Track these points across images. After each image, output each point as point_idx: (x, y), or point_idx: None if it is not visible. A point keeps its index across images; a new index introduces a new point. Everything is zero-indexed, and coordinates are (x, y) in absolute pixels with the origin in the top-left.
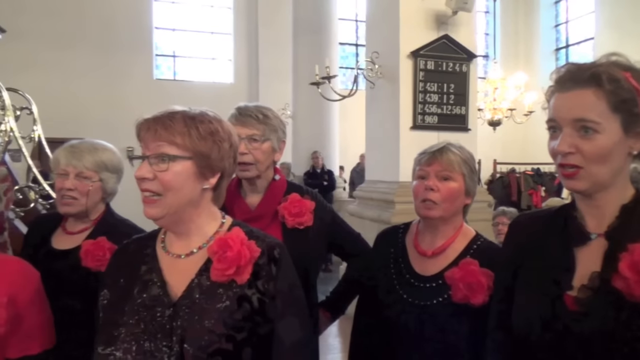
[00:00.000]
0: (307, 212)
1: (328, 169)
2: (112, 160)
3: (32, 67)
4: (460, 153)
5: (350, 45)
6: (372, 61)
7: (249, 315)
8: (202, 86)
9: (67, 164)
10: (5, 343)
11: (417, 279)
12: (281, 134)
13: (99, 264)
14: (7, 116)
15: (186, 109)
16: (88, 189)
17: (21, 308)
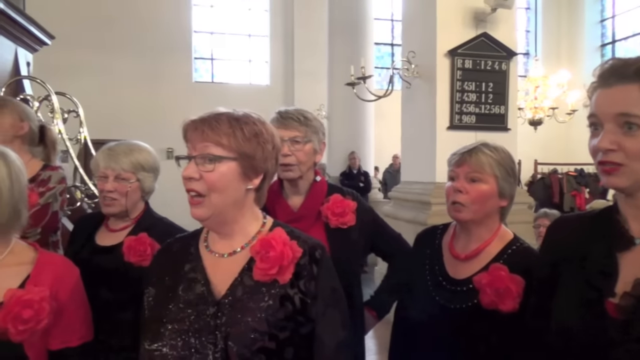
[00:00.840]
0: (350, 212)
1: (364, 170)
2: (147, 160)
3: (79, 72)
4: (494, 154)
5: (386, 45)
6: (408, 61)
7: (291, 315)
8: (239, 88)
9: (105, 166)
10: (48, 335)
11: (449, 282)
12: (321, 135)
13: (140, 259)
14: (56, 119)
15: (231, 110)
16: (127, 190)
17: (62, 302)
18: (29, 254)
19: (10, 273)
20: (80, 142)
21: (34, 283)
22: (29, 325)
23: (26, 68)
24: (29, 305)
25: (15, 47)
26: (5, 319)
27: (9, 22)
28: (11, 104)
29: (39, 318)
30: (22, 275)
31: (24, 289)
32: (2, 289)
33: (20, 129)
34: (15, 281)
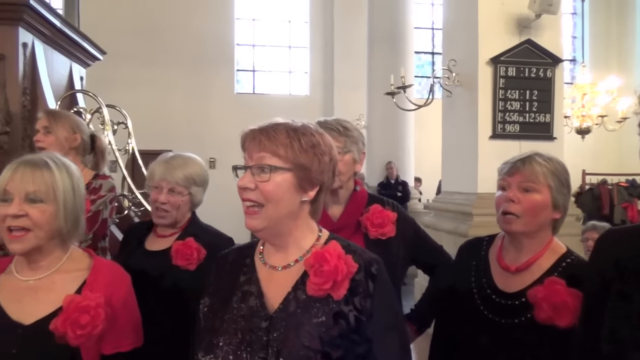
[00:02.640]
0: (389, 223)
1: (402, 180)
2: (199, 174)
3: (128, 85)
4: (548, 164)
5: (426, 53)
6: (449, 69)
7: (345, 333)
8: (279, 98)
9: (161, 178)
10: (101, 340)
11: (498, 295)
12: (361, 145)
13: (187, 262)
14: (106, 130)
15: (289, 121)
16: (179, 204)
17: (115, 308)
18: (85, 260)
19: (68, 279)
20: (128, 152)
21: (89, 289)
22: (86, 330)
23: (80, 82)
24: (86, 311)
25: (70, 62)
26: (65, 324)
27: (65, 40)
28: (64, 117)
29: (95, 324)
30: (79, 281)
31: (81, 295)
32: (61, 294)
33: (74, 140)
34: (73, 287)
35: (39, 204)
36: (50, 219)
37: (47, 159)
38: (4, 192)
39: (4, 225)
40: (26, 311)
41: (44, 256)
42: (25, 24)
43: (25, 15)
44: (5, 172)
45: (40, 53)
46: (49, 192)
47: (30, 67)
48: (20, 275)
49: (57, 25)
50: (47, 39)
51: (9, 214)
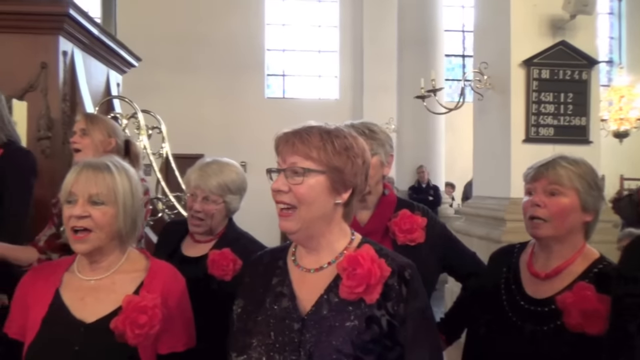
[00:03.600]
0: (419, 229)
1: (433, 184)
2: (235, 182)
3: (162, 91)
4: (574, 166)
5: (457, 56)
6: (480, 72)
7: (378, 338)
8: (309, 103)
9: (196, 186)
10: (158, 340)
11: (528, 302)
12: (389, 148)
13: (223, 273)
14: (141, 135)
15: (322, 124)
16: (213, 213)
17: (171, 309)
18: (142, 262)
19: (127, 279)
20: (162, 156)
21: (147, 290)
22: (144, 330)
23: (116, 88)
24: (144, 311)
25: (107, 69)
26: (124, 323)
27: (103, 47)
28: (101, 121)
29: (152, 324)
30: (136, 281)
31: (140, 296)
32: (121, 294)
33: (108, 144)
34: (131, 287)
35: (101, 206)
36: (111, 221)
37: (109, 162)
38: (70, 193)
39: (69, 225)
40: (88, 310)
41: (104, 257)
42: (66, 33)
43: (66, 24)
44: (71, 175)
45: (79, 61)
46: (110, 194)
47: (70, 75)
48: (82, 275)
49: (95, 34)
50: (86, 47)
51: (73, 214)
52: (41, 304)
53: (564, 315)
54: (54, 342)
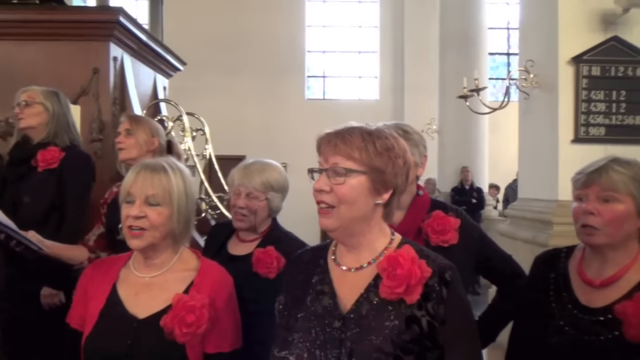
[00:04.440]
0: (452, 230)
1: (477, 186)
2: (277, 180)
3: (205, 93)
4: (627, 170)
5: (501, 54)
6: (526, 70)
7: (418, 338)
8: (349, 104)
9: (239, 183)
10: (205, 339)
11: (581, 311)
12: (422, 148)
13: (267, 271)
14: (186, 137)
15: (363, 124)
16: (256, 208)
17: (219, 309)
18: (193, 261)
19: (178, 278)
20: (205, 157)
21: (196, 290)
22: (191, 329)
23: (162, 92)
24: (192, 310)
25: (154, 74)
26: (173, 321)
27: (150, 53)
28: (144, 121)
29: (199, 323)
30: (187, 281)
31: (189, 295)
32: (172, 292)
33: (151, 144)
34: (182, 286)
35: (157, 207)
36: (166, 221)
37: (165, 163)
38: (128, 194)
39: (126, 224)
40: (141, 306)
41: (158, 254)
42: (116, 39)
43: (116, 31)
44: (129, 175)
45: (129, 66)
46: (166, 195)
47: (120, 79)
48: (137, 272)
49: (143, 40)
50: (135, 53)
51: (131, 214)
52: (99, 296)
53: (623, 326)
54: (109, 334)
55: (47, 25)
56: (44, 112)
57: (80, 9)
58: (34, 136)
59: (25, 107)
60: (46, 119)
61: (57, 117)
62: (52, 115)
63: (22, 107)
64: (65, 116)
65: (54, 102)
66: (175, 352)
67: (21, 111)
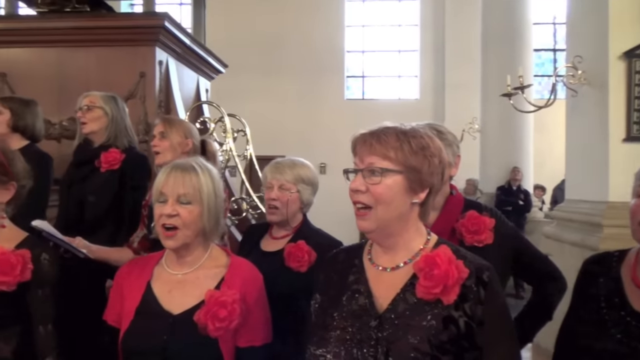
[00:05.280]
0: (486, 230)
1: (524, 189)
2: (307, 174)
3: (245, 95)
4: None
5: (547, 50)
6: (574, 66)
7: (455, 338)
8: (388, 103)
9: (272, 177)
10: (237, 334)
11: (636, 319)
12: (456, 148)
13: (298, 264)
14: (227, 138)
15: (398, 124)
16: (287, 199)
17: (250, 304)
18: (223, 258)
19: (209, 275)
20: (246, 158)
21: (227, 285)
22: (224, 324)
23: (205, 94)
24: (224, 306)
25: (197, 76)
26: (206, 316)
27: (194, 56)
28: (178, 123)
29: (231, 318)
30: (218, 277)
31: (220, 291)
32: (204, 288)
33: (186, 145)
34: (213, 282)
35: (188, 205)
36: (197, 219)
37: (194, 163)
38: (160, 193)
39: (160, 223)
40: (175, 302)
41: (190, 252)
42: (161, 43)
43: (161, 36)
44: (161, 176)
45: (173, 69)
46: (196, 194)
47: (165, 83)
48: (170, 269)
49: (187, 43)
50: (179, 56)
51: (164, 213)
52: (135, 294)
53: None
54: (146, 330)
55: (98, 32)
56: (103, 116)
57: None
58: (95, 139)
59: (87, 111)
60: (106, 122)
61: (115, 120)
62: (111, 119)
63: (84, 111)
64: (123, 120)
65: (112, 106)
66: (208, 346)
67: (83, 115)
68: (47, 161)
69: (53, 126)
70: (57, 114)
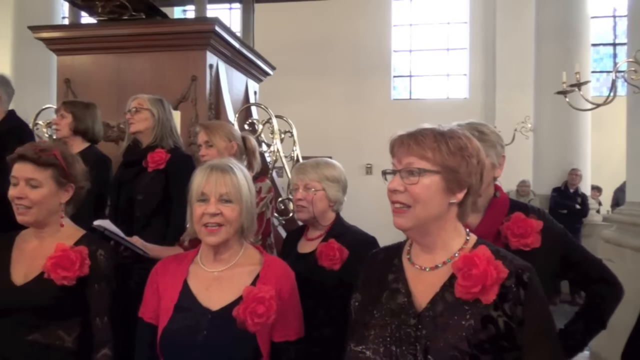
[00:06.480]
0: (534, 233)
1: (582, 192)
2: (332, 173)
3: (292, 96)
4: None
5: (606, 45)
6: (636, 61)
7: (494, 338)
8: (436, 103)
9: (296, 179)
10: (273, 329)
11: None
12: (500, 149)
13: (331, 263)
14: (275, 139)
15: (435, 126)
16: (312, 197)
17: (284, 300)
18: (256, 256)
19: (244, 272)
20: (293, 159)
21: (263, 282)
22: (262, 319)
23: (253, 96)
24: (262, 302)
25: (246, 79)
26: (245, 312)
27: (242, 59)
28: (219, 128)
29: (269, 314)
30: (253, 274)
31: (257, 287)
32: (240, 285)
33: (231, 148)
34: (249, 279)
35: (229, 204)
36: (238, 217)
37: (230, 164)
38: (202, 193)
39: (201, 222)
40: (212, 299)
41: (227, 249)
42: (212, 47)
43: (212, 40)
44: (201, 177)
45: (223, 72)
46: (237, 193)
47: (215, 85)
48: (206, 267)
49: (237, 47)
50: (228, 60)
51: (208, 212)
52: (171, 291)
53: None
54: (186, 326)
55: (153, 38)
56: (150, 118)
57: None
58: (143, 140)
59: (135, 113)
60: (152, 123)
61: (161, 122)
62: (157, 120)
63: (133, 113)
64: (168, 121)
65: (159, 108)
66: (246, 341)
67: (132, 117)
68: (106, 163)
69: (111, 129)
70: (116, 117)
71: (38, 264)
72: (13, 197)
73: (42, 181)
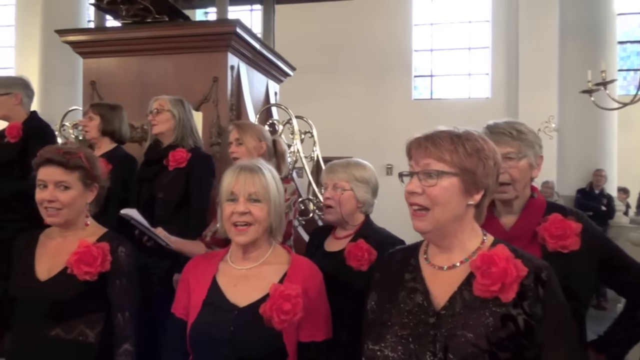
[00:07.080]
0: (572, 235)
1: (607, 193)
2: (362, 174)
3: (312, 96)
4: None
5: (634, 42)
6: None
7: (514, 336)
8: (458, 103)
9: (326, 178)
10: (299, 328)
11: None
12: (538, 149)
13: (359, 263)
14: (295, 139)
15: (452, 128)
16: (340, 197)
17: (311, 300)
18: (285, 255)
19: (273, 270)
20: (313, 159)
21: (290, 280)
22: (288, 316)
23: (274, 97)
24: (288, 299)
25: (266, 80)
26: (271, 309)
27: (263, 60)
28: (250, 128)
29: (295, 311)
30: (280, 272)
31: (284, 285)
32: (268, 282)
33: (260, 148)
34: (276, 277)
35: (258, 203)
36: (266, 216)
37: (258, 164)
38: (231, 193)
39: (230, 221)
40: (240, 295)
41: (256, 248)
42: (233, 49)
43: (233, 41)
44: (230, 177)
45: (244, 73)
46: (265, 193)
47: (236, 86)
48: (235, 265)
49: (257, 48)
50: (249, 61)
51: (237, 211)
52: (201, 288)
53: None
54: (213, 322)
55: (175, 40)
56: (171, 119)
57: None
58: (164, 140)
59: (156, 114)
60: (174, 124)
61: (182, 122)
62: (178, 121)
63: (154, 114)
64: (189, 122)
65: (179, 109)
66: (273, 338)
67: (153, 118)
68: (131, 163)
69: (135, 130)
70: (139, 119)
71: (61, 260)
72: (43, 200)
73: (71, 183)
